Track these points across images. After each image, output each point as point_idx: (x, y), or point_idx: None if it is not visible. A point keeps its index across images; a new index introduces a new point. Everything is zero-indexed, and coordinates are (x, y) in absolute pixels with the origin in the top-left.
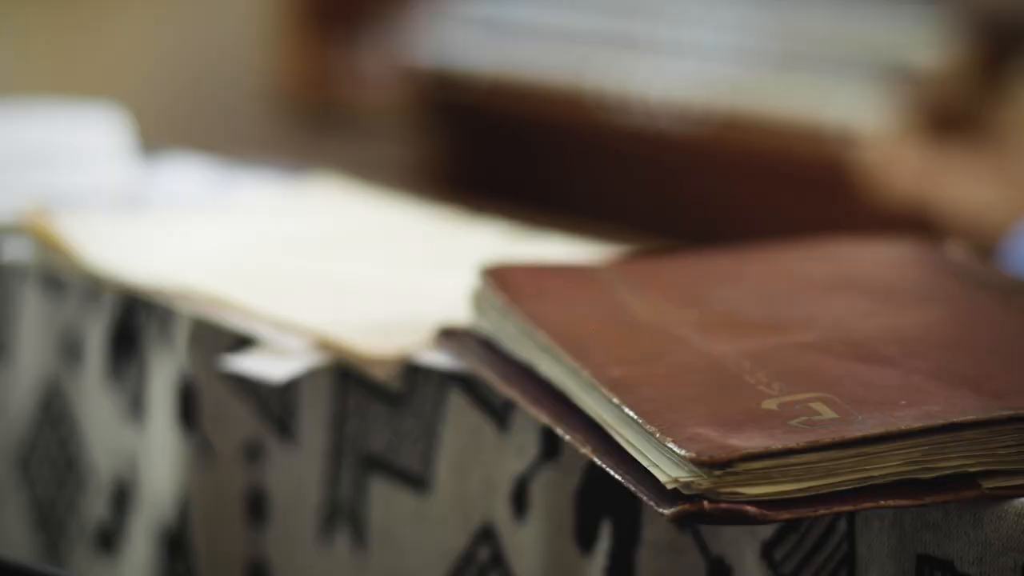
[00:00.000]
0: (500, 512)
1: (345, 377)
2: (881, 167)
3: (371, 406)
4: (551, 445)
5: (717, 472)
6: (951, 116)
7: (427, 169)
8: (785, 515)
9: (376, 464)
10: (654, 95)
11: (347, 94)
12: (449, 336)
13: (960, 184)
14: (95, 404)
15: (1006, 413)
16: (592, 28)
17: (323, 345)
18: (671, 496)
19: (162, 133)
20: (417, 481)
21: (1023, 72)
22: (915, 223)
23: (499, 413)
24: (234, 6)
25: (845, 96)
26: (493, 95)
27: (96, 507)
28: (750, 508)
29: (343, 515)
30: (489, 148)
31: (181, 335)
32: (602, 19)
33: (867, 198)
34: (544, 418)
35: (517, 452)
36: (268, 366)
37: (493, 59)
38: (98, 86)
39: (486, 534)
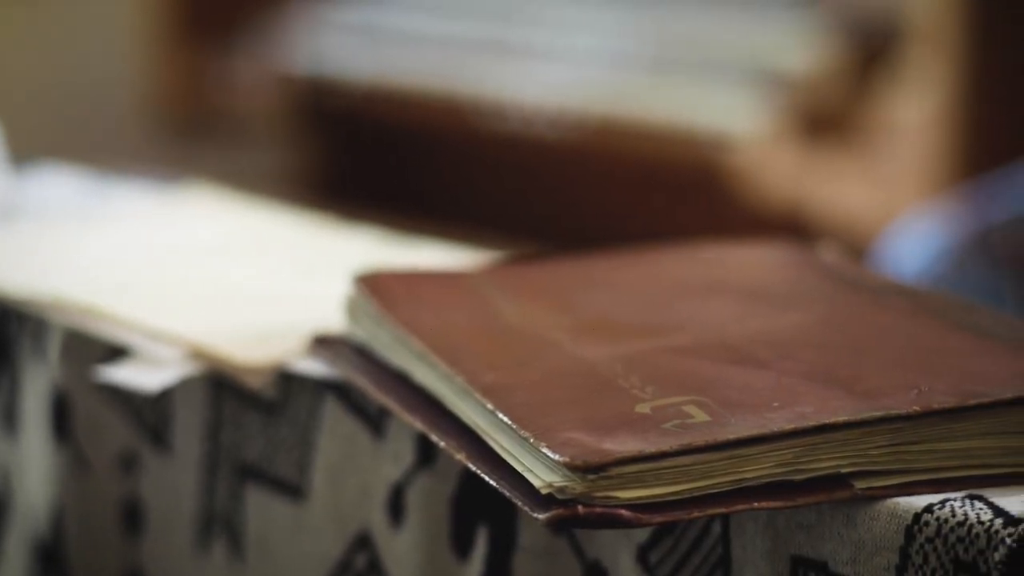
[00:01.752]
0: (376, 519)
1: (219, 386)
2: (755, 170)
3: (246, 415)
4: (426, 452)
5: (591, 476)
6: (823, 119)
7: (303, 177)
8: (659, 518)
9: (251, 473)
10: (529, 101)
11: (222, 103)
12: (323, 344)
13: (833, 186)
14: None
15: (877, 414)
16: (467, 34)
17: (197, 354)
18: (546, 501)
19: (35, 145)
20: (293, 489)
21: (893, 75)
22: (789, 226)
23: (374, 420)
24: (107, 17)
25: (719, 100)
26: (369, 102)
27: None
28: (624, 512)
29: (219, 524)
30: (366, 155)
31: (53, 346)
32: (477, 25)
33: (741, 201)
34: (419, 425)
35: (393, 459)
36: (141, 376)
37: (369, 66)
38: None
39: (363, 542)
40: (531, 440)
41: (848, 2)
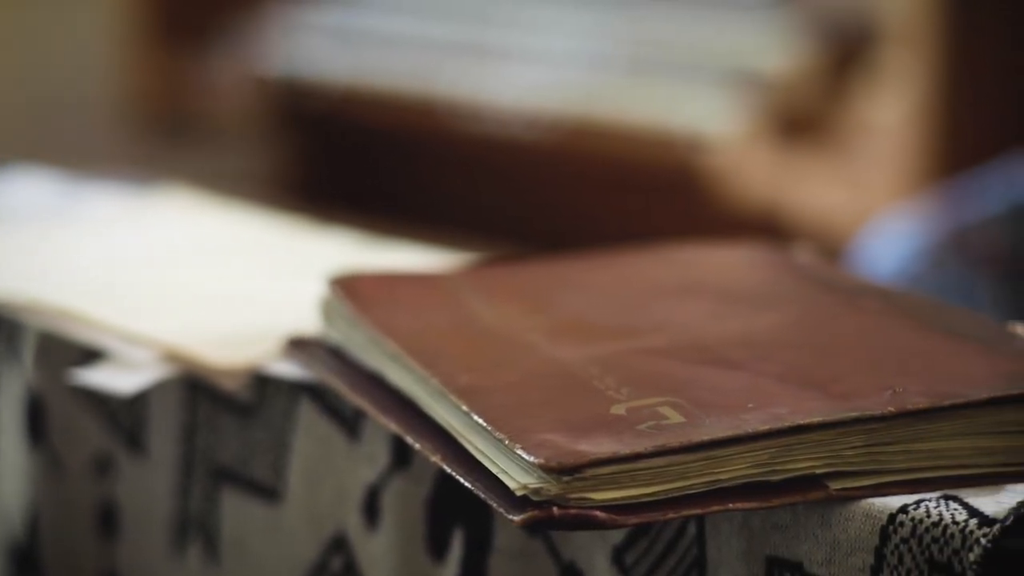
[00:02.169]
0: (352, 521)
1: (195, 389)
2: (731, 171)
3: (221, 417)
4: (402, 454)
5: (566, 478)
6: (799, 120)
7: (279, 179)
8: (634, 520)
9: (227, 475)
10: (505, 102)
11: (198, 105)
12: (298, 346)
13: (809, 187)
14: None
15: (852, 415)
16: (443, 36)
17: (172, 357)
18: (521, 503)
19: (10, 148)
20: (269, 492)
21: (868, 76)
22: (765, 227)
23: (349, 422)
24: (83, 19)
25: (694, 102)
26: (345, 104)
27: None
28: (599, 513)
29: (194, 527)
30: (342, 157)
31: (28, 349)
32: (453, 27)
33: (717, 202)
34: (394, 427)
35: (368, 461)
36: (116, 379)
37: (345, 68)
38: None
39: (338, 544)
40: (506, 442)
41: (823, 3)
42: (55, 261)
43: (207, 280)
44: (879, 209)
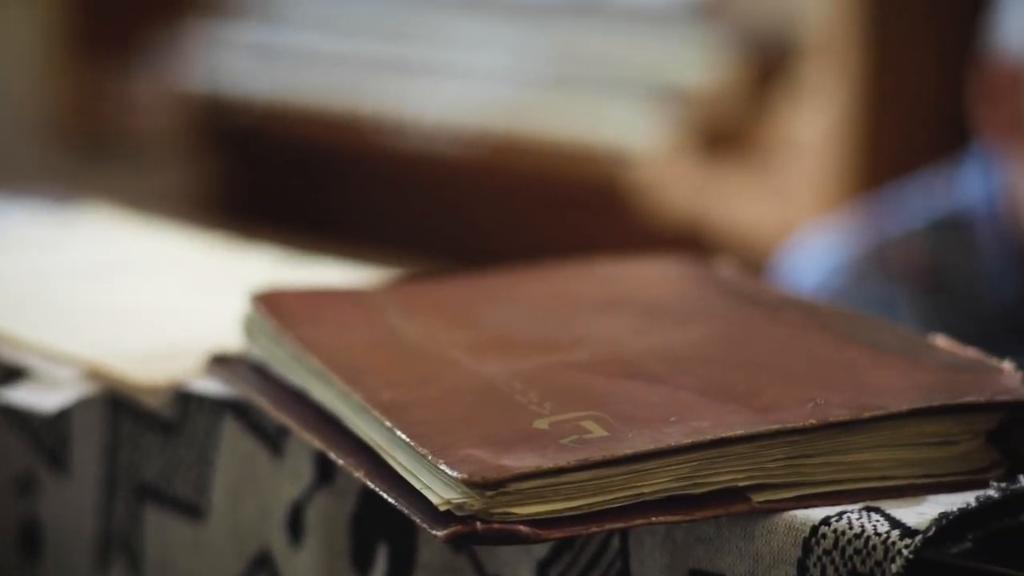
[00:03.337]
0: (276, 538)
1: (117, 406)
2: (654, 186)
3: (144, 435)
4: (326, 470)
5: (489, 493)
6: (722, 134)
7: (203, 196)
8: (557, 534)
9: (150, 493)
10: (429, 118)
11: (120, 122)
12: (221, 363)
13: (732, 201)
14: None
15: (774, 427)
16: (367, 52)
17: (94, 374)
18: (444, 518)
19: None
20: (192, 509)
21: (790, 90)
22: (689, 241)
23: (273, 439)
24: (3, 35)
25: (619, 116)
26: (268, 120)
27: None
28: (522, 528)
29: (118, 545)
30: (267, 174)
31: None
32: (376, 43)
33: (642, 217)
34: (317, 443)
35: (292, 478)
36: (38, 397)
37: (267, 84)
38: None
39: (263, 560)
40: (429, 457)
41: (745, 18)
42: None
43: (129, 297)
44: (801, 222)
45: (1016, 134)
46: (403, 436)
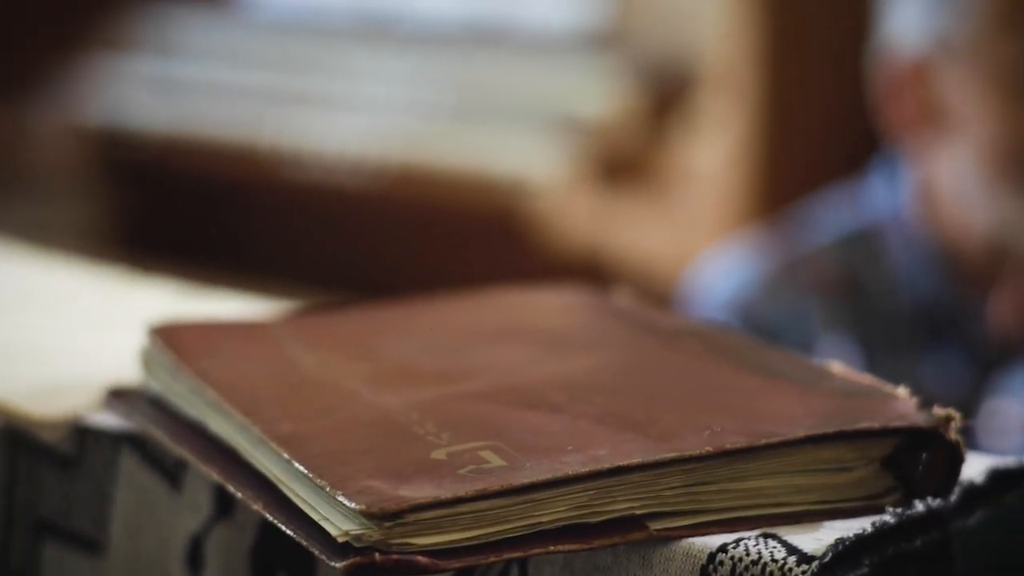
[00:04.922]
0: (175, 572)
1: (14, 441)
2: (554, 216)
3: (42, 470)
4: (224, 503)
5: (387, 523)
6: (620, 164)
7: (102, 230)
8: (456, 564)
9: (48, 529)
10: (329, 150)
11: (18, 156)
12: (118, 396)
13: (630, 230)
14: None
15: (670, 455)
16: (265, 85)
17: None
18: (343, 549)
19: None
20: (91, 544)
21: (687, 120)
22: (589, 270)
23: (171, 472)
24: None
25: (517, 147)
26: (167, 153)
27: None
28: (421, 558)
29: None
30: (167, 207)
31: None
32: (276, 75)
33: (541, 247)
34: (216, 475)
35: (191, 511)
36: None
37: (165, 117)
38: None
39: None
40: (327, 489)
41: (643, 48)
42: None
43: (27, 332)
44: (700, 251)
45: (924, 124)
46: (301, 468)
